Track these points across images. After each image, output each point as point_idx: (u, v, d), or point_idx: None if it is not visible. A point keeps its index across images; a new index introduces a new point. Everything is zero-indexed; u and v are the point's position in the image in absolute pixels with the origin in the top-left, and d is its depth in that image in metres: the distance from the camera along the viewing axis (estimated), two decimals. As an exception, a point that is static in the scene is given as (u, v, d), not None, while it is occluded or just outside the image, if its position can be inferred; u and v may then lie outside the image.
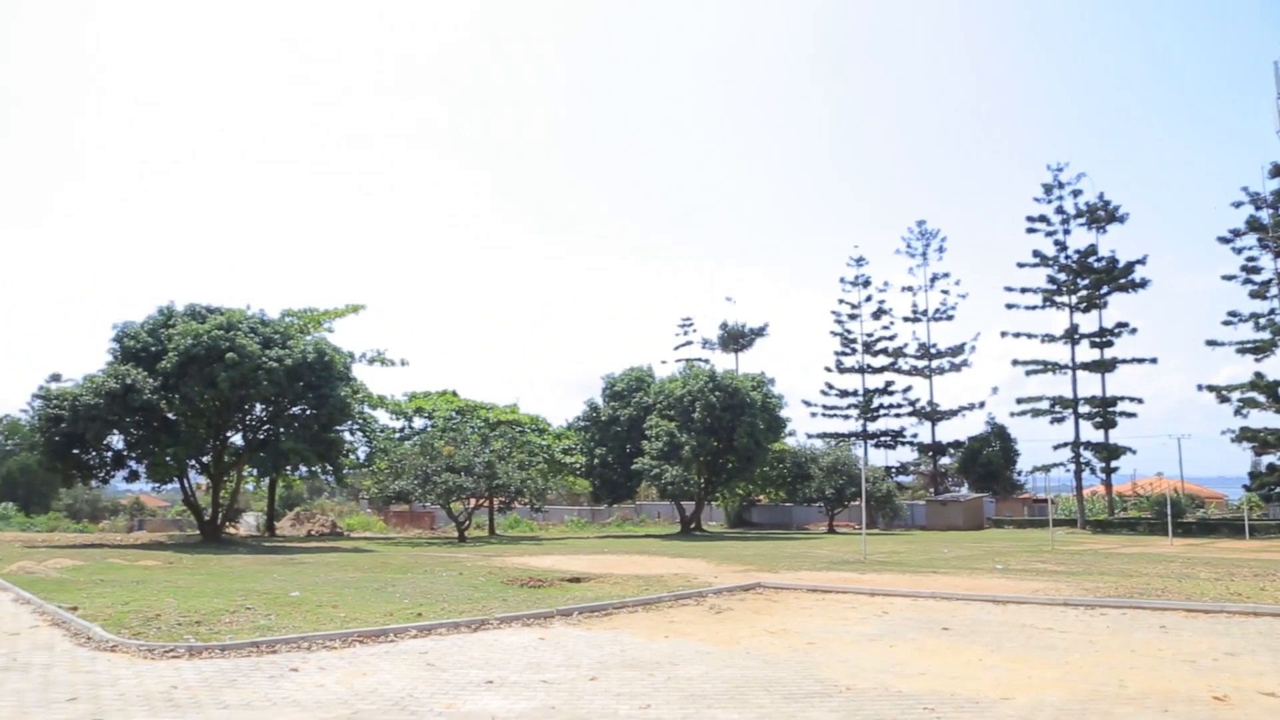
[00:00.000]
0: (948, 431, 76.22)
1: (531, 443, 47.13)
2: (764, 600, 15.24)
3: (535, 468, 43.39)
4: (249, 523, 46.72)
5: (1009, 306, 58.28)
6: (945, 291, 67.53)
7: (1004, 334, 58.84)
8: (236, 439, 35.15)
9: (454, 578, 18.10)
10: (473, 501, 39.55)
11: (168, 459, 32.58)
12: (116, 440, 32.94)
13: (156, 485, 36.56)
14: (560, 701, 7.70)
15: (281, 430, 33.85)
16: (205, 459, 34.61)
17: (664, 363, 75.66)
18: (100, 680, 8.43)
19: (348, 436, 38.14)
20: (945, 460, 67.51)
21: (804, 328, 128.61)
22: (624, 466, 46.23)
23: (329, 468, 36.57)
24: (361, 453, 43.38)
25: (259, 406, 33.89)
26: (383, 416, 47.14)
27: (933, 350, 67.45)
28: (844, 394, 68.42)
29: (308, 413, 33.79)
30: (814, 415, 68.89)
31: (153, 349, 32.47)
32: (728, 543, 35.94)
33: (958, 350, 66.84)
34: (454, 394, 50.35)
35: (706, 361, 64.69)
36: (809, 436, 65.35)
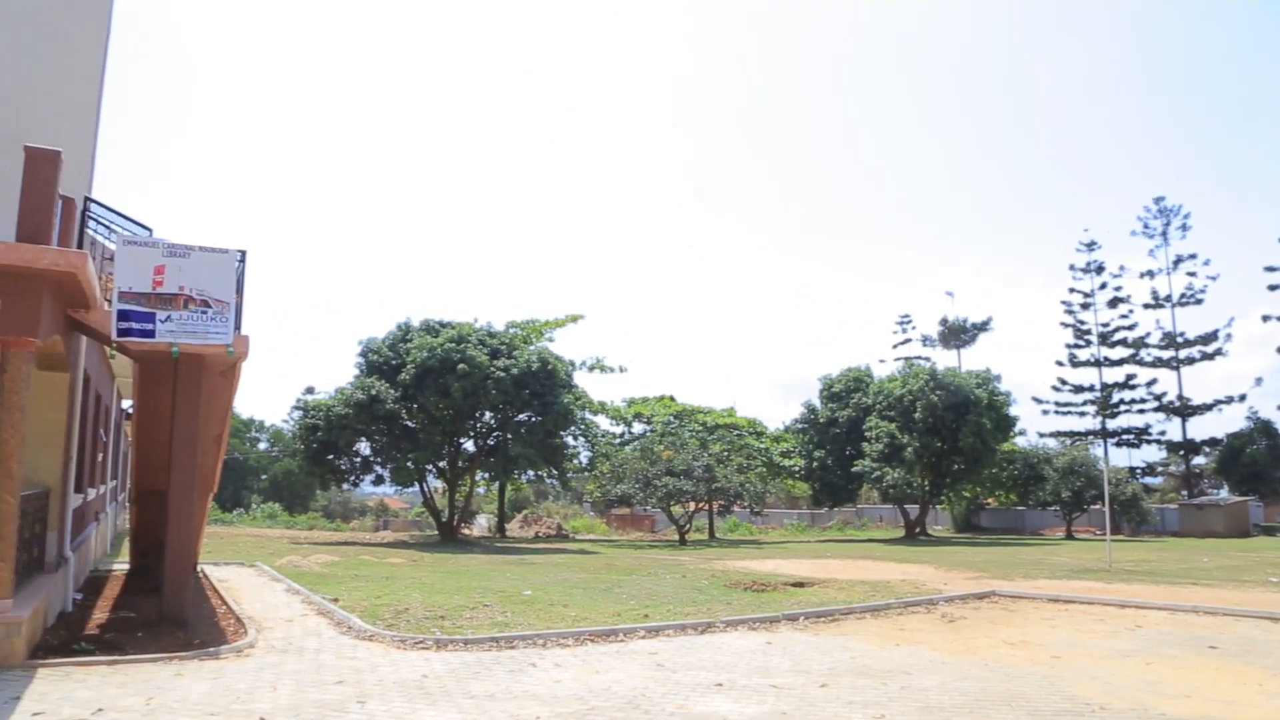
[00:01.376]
0: (1201, 428, 69.96)
1: (750, 446, 47.13)
2: (1000, 609, 14.46)
3: (754, 471, 43.37)
4: (481, 524, 49.34)
5: (1271, 288, 52.67)
6: (1191, 274, 61.97)
7: (1266, 318, 53.34)
8: (469, 445, 37.30)
9: (677, 580, 18.33)
10: (693, 505, 40.00)
11: (408, 464, 35.05)
12: (364, 447, 35.76)
13: (399, 488, 39.44)
14: (791, 707, 7.61)
15: (509, 436, 35.60)
16: (441, 464, 36.89)
17: (882, 361, 73.75)
18: (361, 666, 9.13)
19: (571, 442, 39.56)
20: (1200, 460, 61.75)
21: (1031, 320, 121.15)
22: (844, 469, 45.33)
23: (554, 472, 38.11)
24: (584, 457, 44.91)
25: (488, 414, 35.82)
26: (603, 422, 48.67)
27: (1179, 339, 61.95)
28: (1078, 389, 64.17)
29: (533, 419, 35.41)
30: (1045, 413, 65.21)
31: (393, 362, 35.04)
32: (955, 548, 34.44)
33: (1209, 338, 61.07)
34: (671, 399, 51.16)
35: (927, 359, 62.65)
36: (1041, 436, 61.88)
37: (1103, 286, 64.07)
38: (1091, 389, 63.77)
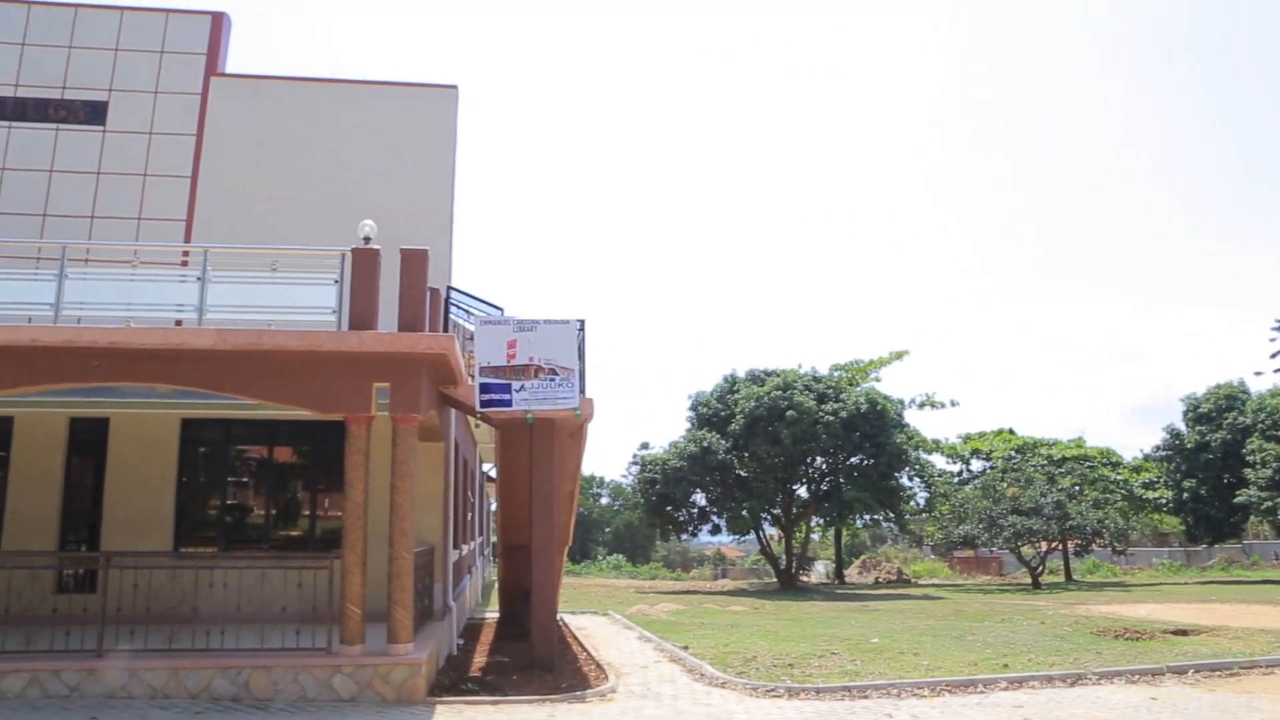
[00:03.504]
0: None
1: (1105, 478, 42.95)
2: None
3: (1113, 505, 39.38)
4: (819, 570, 48.75)
5: None
6: None
7: None
8: (802, 491, 37.20)
9: (1036, 627, 17.00)
10: (1044, 545, 37.00)
11: (743, 512, 35.59)
12: (700, 497, 36.80)
13: (736, 537, 40.08)
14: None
15: (843, 480, 35.11)
16: (775, 511, 37.06)
17: (1258, 374, 64.37)
18: (717, 713, 9.31)
19: (906, 483, 38.23)
20: None
21: None
22: (1222, 500, 39.82)
23: (890, 514, 36.99)
24: (921, 498, 43.14)
25: (819, 459, 35.59)
26: (939, 460, 46.53)
27: None
28: None
29: (866, 462, 34.69)
30: None
31: (722, 413, 35.91)
32: (1385, 592, 28.99)
33: None
34: (1010, 432, 47.98)
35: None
36: None
37: None
38: None
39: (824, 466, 35.99)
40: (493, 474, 26.76)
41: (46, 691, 9.27)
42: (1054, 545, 37.38)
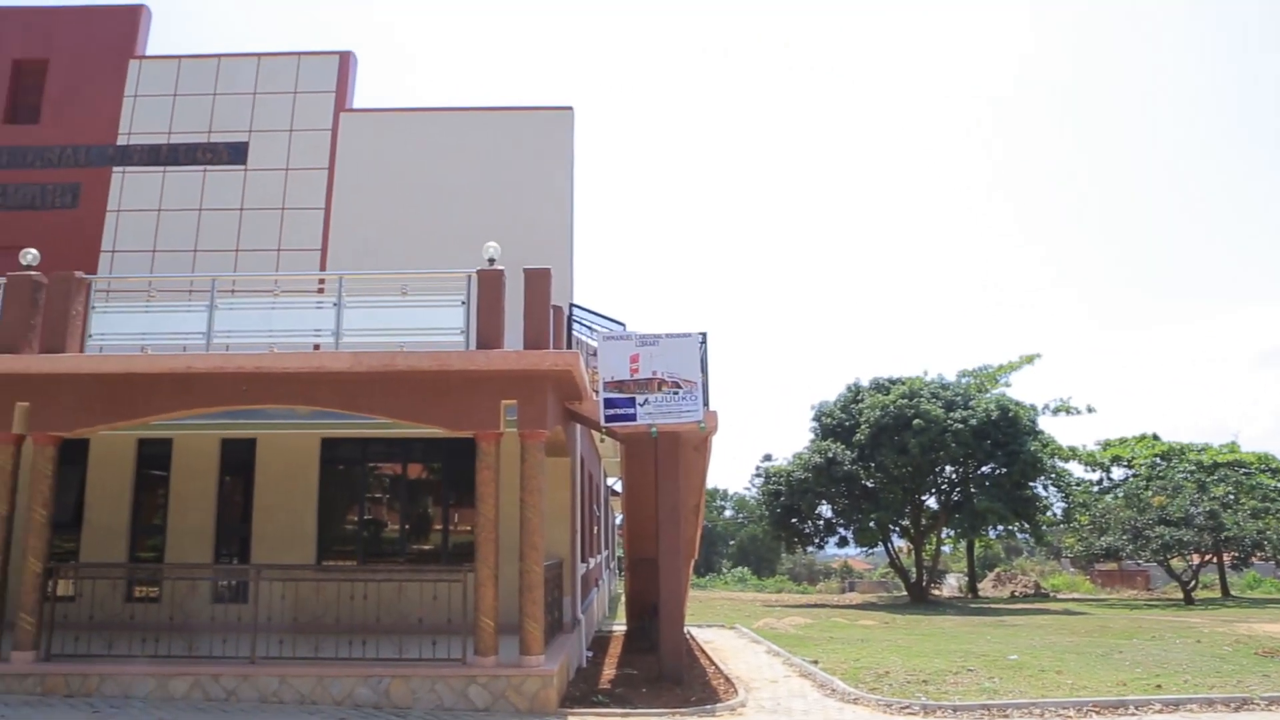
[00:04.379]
0: None
1: (1264, 485, 40.25)
2: None
3: (1274, 515, 36.86)
4: (951, 584, 47.29)
5: None
6: None
7: None
8: (931, 501, 36.21)
9: (1190, 646, 16.06)
10: (1196, 557, 34.94)
11: (870, 524, 34.86)
12: (825, 509, 36.25)
13: (863, 549, 39.30)
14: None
15: (974, 490, 34.00)
16: (904, 522, 36.17)
17: None
18: (849, 731, 9.17)
19: (1041, 492, 36.71)
20: None
21: None
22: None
23: (1025, 525, 35.55)
24: (1058, 508, 41.32)
25: (949, 468, 34.60)
26: (1076, 469, 44.50)
27: None
28: None
29: (998, 471, 33.50)
30: None
31: (846, 424, 35.33)
32: None
33: None
34: (1154, 438, 45.50)
35: None
36: None
37: None
38: None
39: (954, 476, 34.96)
40: (617, 488, 27.04)
41: (208, 695, 9.85)
42: (1208, 558, 35.26)
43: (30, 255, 11.62)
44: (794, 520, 35.76)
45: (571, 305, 14.19)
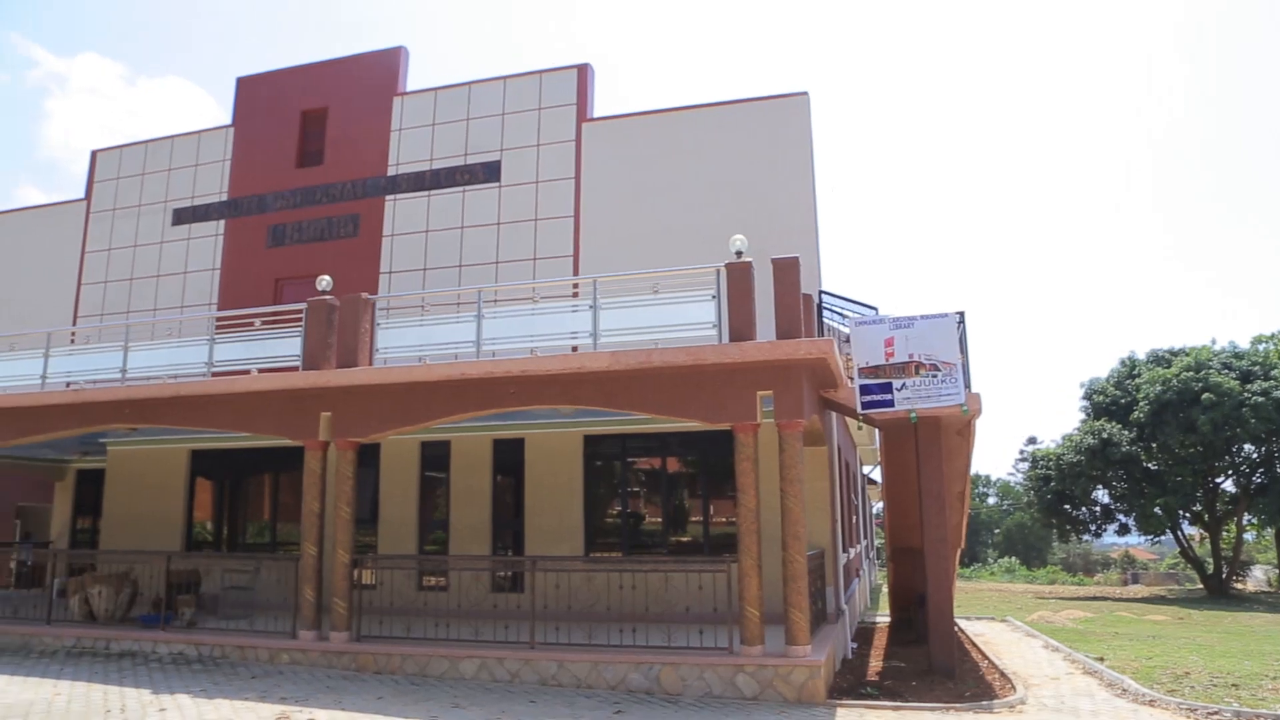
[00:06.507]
0: None
1: None
2: None
3: None
4: (1257, 576, 42.50)
5: None
6: None
7: None
8: (1228, 484, 32.74)
9: None
10: None
11: (1156, 510, 31.98)
12: (1101, 494, 33.67)
13: (1148, 538, 36.13)
14: None
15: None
16: (1196, 508, 32.94)
17: None
18: (1149, 733, 8.46)
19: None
20: None
21: None
22: None
23: (1347, 510, 31.35)
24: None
25: (1248, 446, 31.08)
26: None
27: None
28: None
29: (1310, 448, 29.79)
30: None
31: (1121, 401, 32.67)
32: None
33: None
34: None
35: None
36: None
37: None
38: None
39: (1255, 456, 31.36)
40: (873, 476, 26.43)
41: (493, 676, 10.58)
42: None
43: (324, 281, 12.95)
44: (1066, 507, 33.52)
45: (820, 292, 13.99)
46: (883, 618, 19.57)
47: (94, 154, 21.46)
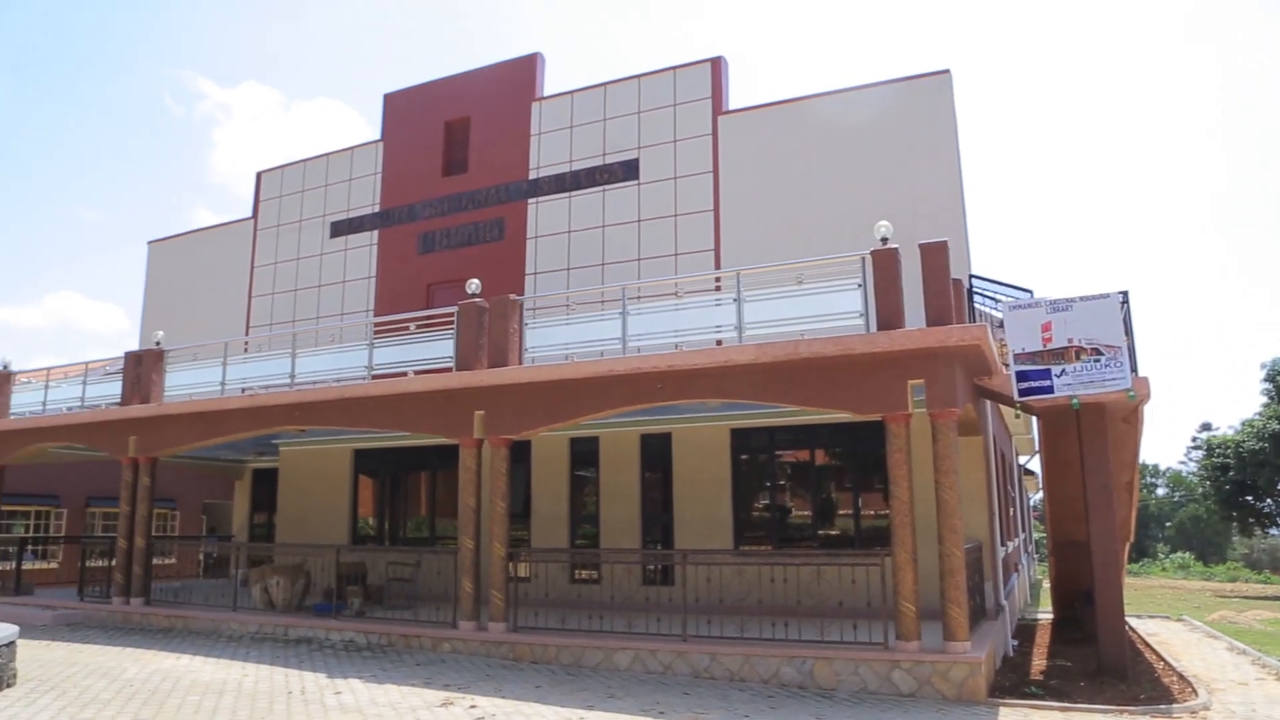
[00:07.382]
0: None
1: None
2: None
3: None
4: None
5: None
6: None
7: None
8: None
9: None
10: None
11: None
12: (1286, 485, 31.28)
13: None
14: None
15: None
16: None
17: None
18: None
19: None
20: None
21: None
22: None
23: None
24: None
25: None
26: None
27: None
28: None
29: None
30: None
31: (1307, 383, 30.26)
32: None
33: None
34: None
35: None
36: None
37: None
38: None
39: None
40: (1029, 467, 25.35)
41: (647, 667, 10.70)
42: None
43: (474, 285, 13.39)
44: (1248, 498, 31.26)
45: (970, 276, 13.51)
46: (1044, 614, 18.76)
47: (259, 175, 22.88)
